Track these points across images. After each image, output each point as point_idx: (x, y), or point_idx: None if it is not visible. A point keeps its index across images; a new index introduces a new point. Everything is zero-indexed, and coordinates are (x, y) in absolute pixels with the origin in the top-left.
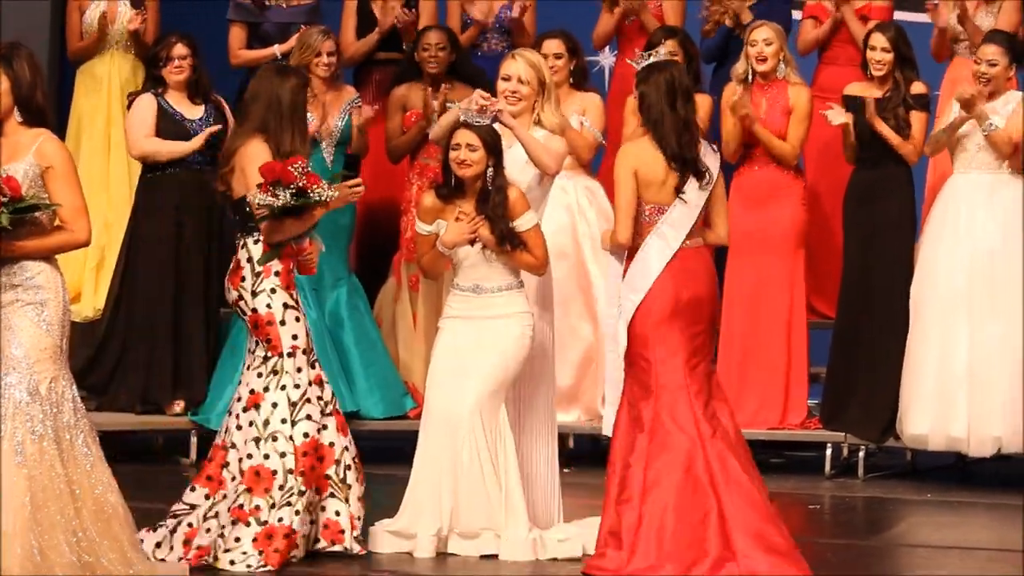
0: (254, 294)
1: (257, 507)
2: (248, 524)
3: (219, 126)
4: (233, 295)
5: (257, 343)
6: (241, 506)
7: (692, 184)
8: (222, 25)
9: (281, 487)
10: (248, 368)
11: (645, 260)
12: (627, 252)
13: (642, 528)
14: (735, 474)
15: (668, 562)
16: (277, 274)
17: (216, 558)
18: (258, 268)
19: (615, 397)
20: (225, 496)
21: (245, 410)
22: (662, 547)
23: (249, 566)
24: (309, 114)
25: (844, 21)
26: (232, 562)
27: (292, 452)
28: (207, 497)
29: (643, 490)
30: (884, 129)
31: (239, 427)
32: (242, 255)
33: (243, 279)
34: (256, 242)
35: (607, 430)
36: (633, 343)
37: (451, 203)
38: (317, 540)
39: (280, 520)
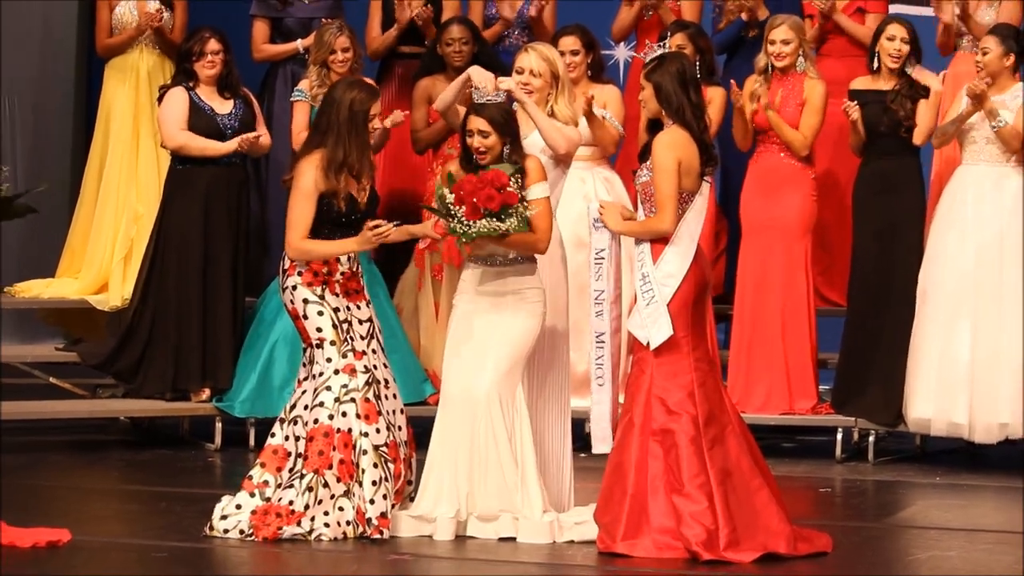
0: (283, 290)
1: (265, 482)
2: (253, 495)
3: (253, 134)
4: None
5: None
6: (251, 477)
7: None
8: (243, 19)
9: (291, 469)
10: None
11: (683, 245)
12: (650, 239)
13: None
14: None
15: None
16: (300, 273)
17: (212, 527)
18: (284, 265)
19: (606, 413)
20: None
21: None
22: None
23: (242, 531)
24: None
25: (832, 23)
26: (226, 530)
27: (305, 437)
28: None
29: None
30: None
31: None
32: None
33: (279, 275)
34: None
35: (599, 447)
36: (678, 326)
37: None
38: (357, 526)
39: (280, 500)
